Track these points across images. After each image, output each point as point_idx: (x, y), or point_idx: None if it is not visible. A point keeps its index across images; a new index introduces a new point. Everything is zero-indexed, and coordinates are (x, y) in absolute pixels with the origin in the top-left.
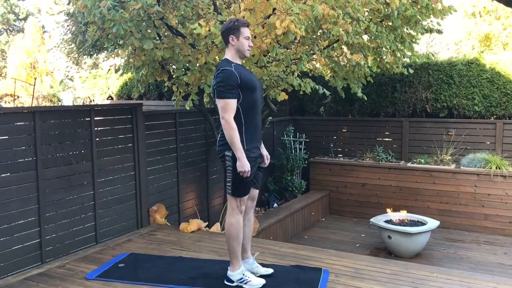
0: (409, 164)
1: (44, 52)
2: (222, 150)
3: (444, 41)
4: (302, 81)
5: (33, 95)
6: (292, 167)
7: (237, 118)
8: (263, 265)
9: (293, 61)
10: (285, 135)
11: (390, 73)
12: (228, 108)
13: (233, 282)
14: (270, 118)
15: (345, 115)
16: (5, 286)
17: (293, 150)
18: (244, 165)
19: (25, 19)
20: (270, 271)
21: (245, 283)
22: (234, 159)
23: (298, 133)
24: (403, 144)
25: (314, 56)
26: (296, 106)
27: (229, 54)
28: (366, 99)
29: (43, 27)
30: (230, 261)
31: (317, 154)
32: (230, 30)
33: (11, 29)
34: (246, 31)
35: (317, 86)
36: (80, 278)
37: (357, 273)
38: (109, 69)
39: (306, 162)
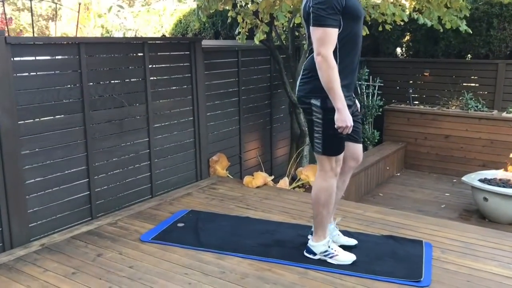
0: (504, 114)
1: None
2: (307, 97)
3: None
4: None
5: (77, 23)
6: (365, 115)
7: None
8: (346, 234)
9: None
10: (358, 79)
11: (489, 4)
12: (327, 40)
13: (315, 254)
14: None
15: (427, 56)
16: (51, 245)
17: (365, 96)
18: (345, 119)
19: None
20: (353, 242)
21: (331, 257)
22: (324, 109)
23: (371, 77)
24: (497, 91)
25: None
26: (369, 46)
27: None
28: (471, 32)
29: None
30: (314, 230)
31: (392, 101)
32: None
33: None
34: None
35: (415, 15)
36: (134, 240)
37: (467, 248)
38: None
39: (381, 109)
